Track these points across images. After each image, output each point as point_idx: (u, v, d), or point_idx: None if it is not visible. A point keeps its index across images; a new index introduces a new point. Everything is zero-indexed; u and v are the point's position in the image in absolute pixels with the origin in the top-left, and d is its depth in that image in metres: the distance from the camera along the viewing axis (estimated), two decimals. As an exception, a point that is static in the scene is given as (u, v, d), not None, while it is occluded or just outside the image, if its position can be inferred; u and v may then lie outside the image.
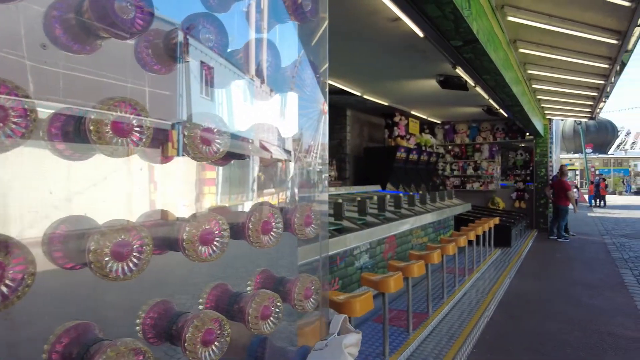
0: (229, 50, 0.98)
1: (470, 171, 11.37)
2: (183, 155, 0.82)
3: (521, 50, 5.54)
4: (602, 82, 6.88)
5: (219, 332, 0.80)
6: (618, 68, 6.23)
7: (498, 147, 11.32)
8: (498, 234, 7.54)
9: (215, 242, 0.83)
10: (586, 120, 10.91)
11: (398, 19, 3.68)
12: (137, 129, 0.71)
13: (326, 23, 1.14)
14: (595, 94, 7.86)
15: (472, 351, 3.48)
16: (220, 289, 0.95)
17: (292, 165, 1.17)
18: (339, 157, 9.02)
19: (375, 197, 5.18)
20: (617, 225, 12.52)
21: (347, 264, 4.13)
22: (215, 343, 0.78)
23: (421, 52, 5.03)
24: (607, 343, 3.66)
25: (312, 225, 1.06)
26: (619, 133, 47.50)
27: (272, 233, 0.94)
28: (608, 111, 49.04)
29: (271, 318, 0.91)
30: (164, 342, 0.80)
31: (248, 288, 1.03)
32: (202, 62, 1.04)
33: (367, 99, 7.96)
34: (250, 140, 0.98)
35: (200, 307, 0.91)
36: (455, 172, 11.62)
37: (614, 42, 4.94)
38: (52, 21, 0.67)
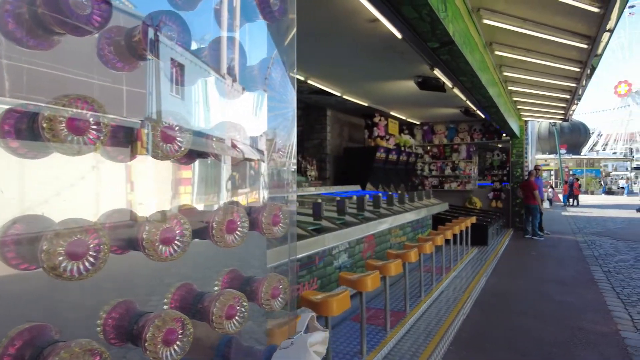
0: (194, 48, 0.97)
1: (448, 171, 11.56)
2: (144, 154, 0.81)
3: (497, 52, 5.65)
4: (574, 84, 7.09)
5: (181, 331, 0.78)
6: (589, 71, 6.43)
7: (475, 148, 11.54)
8: (475, 233, 7.69)
9: (176, 242, 0.82)
10: (560, 121, 11.22)
11: (376, 20, 3.71)
12: (94, 126, 0.69)
13: (294, 24, 1.14)
14: (568, 97, 8.10)
15: (448, 349, 3.54)
16: (185, 289, 0.94)
17: (264, 164, 1.16)
18: (319, 157, 9.03)
19: (355, 197, 5.21)
20: (588, 224, 12.93)
21: (326, 263, 4.14)
22: (177, 343, 0.77)
23: (400, 53, 5.08)
24: (578, 338, 3.77)
25: (280, 225, 1.06)
26: (592, 134, 49.10)
27: (237, 232, 0.94)
28: (582, 113, 50.62)
29: (236, 317, 0.91)
30: (125, 342, 0.78)
31: (215, 288, 1.02)
32: (172, 60, 1.03)
33: (347, 100, 8.01)
34: (215, 139, 0.97)
35: (165, 307, 0.90)
36: (434, 172, 11.80)
37: (584, 46, 5.09)
38: (5, 15, 0.65)
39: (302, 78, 6.46)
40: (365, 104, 8.58)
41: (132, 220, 0.82)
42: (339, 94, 7.57)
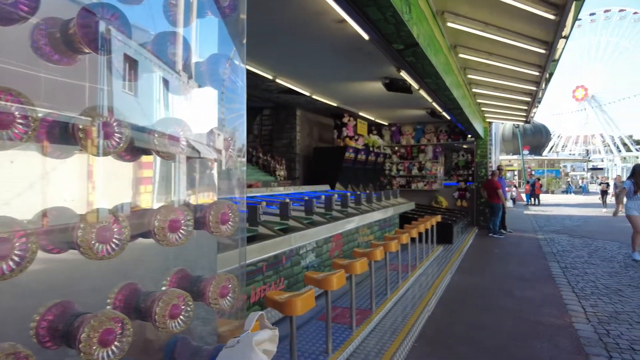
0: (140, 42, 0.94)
1: (415, 171, 11.79)
2: (80, 151, 0.78)
3: (461, 55, 5.81)
4: (534, 88, 7.39)
5: (120, 332, 0.76)
6: (547, 76, 6.71)
7: (441, 149, 11.84)
8: (440, 231, 7.88)
9: (113, 241, 0.79)
10: (523, 123, 11.66)
11: (344, 20, 3.73)
12: (21, 120, 0.66)
13: (244, 22, 1.13)
14: (529, 99, 8.42)
15: (413, 345, 3.61)
16: (130, 289, 0.91)
17: (216, 163, 1.14)
18: (288, 156, 9.01)
19: (323, 197, 5.23)
20: (548, 222, 13.51)
21: (293, 263, 4.14)
22: (116, 343, 0.75)
23: (367, 54, 5.13)
24: (536, 331, 3.93)
25: (230, 223, 1.05)
26: (552, 136, 51.38)
27: (181, 231, 0.92)
28: (543, 116, 52.84)
29: (181, 317, 0.89)
30: (60, 345, 0.75)
31: (163, 288, 1.00)
32: (119, 54, 1.00)
33: (317, 100, 8.03)
34: (158, 135, 0.94)
35: (108, 307, 0.87)
36: (402, 172, 12.01)
37: (543, 51, 5.31)
38: None
39: (270, 77, 6.42)
40: (335, 104, 8.63)
41: (71, 219, 0.79)
42: (308, 94, 7.58)
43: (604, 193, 19.69)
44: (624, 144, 53.75)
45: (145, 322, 0.86)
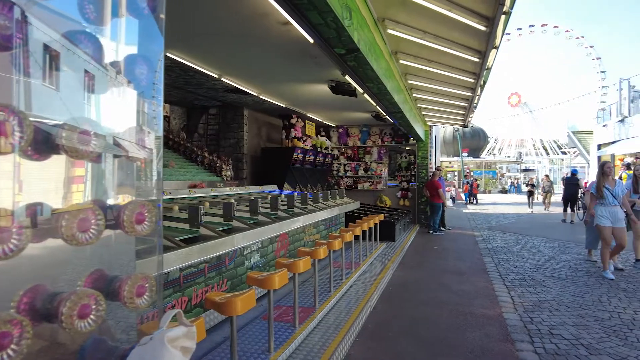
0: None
1: (361, 172, 12.14)
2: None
3: (402, 61, 6.03)
4: (470, 94, 7.83)
5: (17, 334, 0.75)
6: (482, 82, 7.15)
7: (386, 150, 12.27)
8: (384, 229, 8.15)
9: (12, 241, 0.78)
10: (461, 127, 12.32)
11: (289, 23, 3.76)
12: None
13: (163, 23, 1.14)
14: (466, 105, 8.91)
15: (355, 340, 3.72)
16: (36, 291, 0.89)
17: (132, 160, 1.13)
18: (235, 156, 8.91)
19: (269, 197, 5.23)
20: (484, 220, 14.37)
21: (237, 264, 4.12)
22: (13, 346, 0.74)
23: (314, 57, 5.20)
24: (469, 322, 4.20)
25: (146, 223, 1.05)
26: (489, 139, 54.73)
27: (91, 230, 0.92)
28: (482, 120, 56.07)
29: (91, 317, 0.88)
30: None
31: (78, 289, 0.98)
32: (45, 47, 0.97)
33: (265, 100, 8.00)
34: (66, 132, 0.92)
35: (12, 310, 0.85)
36: (349, 173, 12.31)
37: (477, 60, 5.64)
38: None
39: (215, 75, 6.33)
40: (283, 105, 8.65)
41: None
42: (255, 94, 7.54)
43: (530, 194, 18.63)
44: (551, 148, 58.40)
45: (52, 323, 0.84)
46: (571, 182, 13.32)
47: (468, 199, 24.21)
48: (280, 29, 4.36)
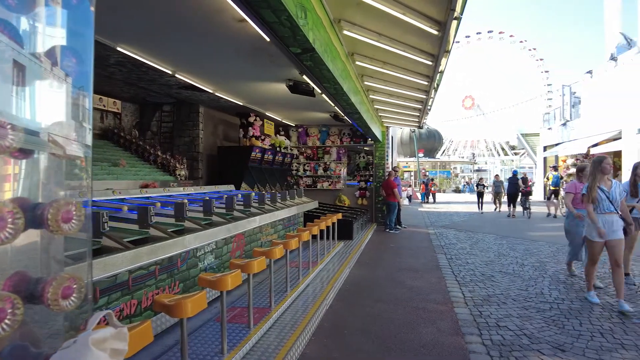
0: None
1: (320, 171, 12.21)
2: None
3: (358, 63, 6.12)
4: (424, 96, 8.07)
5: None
6: (435, 85, 7.39)
7: (345, 150, 12.42)
8: (341, 228, 8.24)
9: None
10: (417, 128, 12.67)
11: (244, 20, 3.71)
12: None
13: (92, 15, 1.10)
14: (420, 107, 9.18)
15: (310, 339, 3.74)
16: None
17: (55, 158, 1.07)
18: (190, 155, 8.69)
19: (225, 197, 5.14)
20: (439, 218, 14.88)
21: (190, 265, 4.02)
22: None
23: (271, 55, 5.14)
24: (422, 317, 4.32)
25: (73, 222, 1.00)
26: (444, 141, 56.81)
27: (7, 229, 0.86)
28: (437, 122, 58.00)
29: (6, 321, 0.83)
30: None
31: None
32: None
33: (221, 97, 7.85)
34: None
35: None
36: (308, 173, 12.35)
37: (430, 63, 5.82)
38: None
39: (169, 72, 6.14)
40: (241, 103, 8.52)
41: None
42: (211, 91, 7.38)
43: (480, 195, 17.47)
44: (502, 149, 61.42)
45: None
46: (511, 182, 15.20)
47: (424, 197, 24.98)
48: (236, 26, 4.29)
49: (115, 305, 2.98)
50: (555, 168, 17.21)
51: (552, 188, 15.11)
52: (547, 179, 16.26)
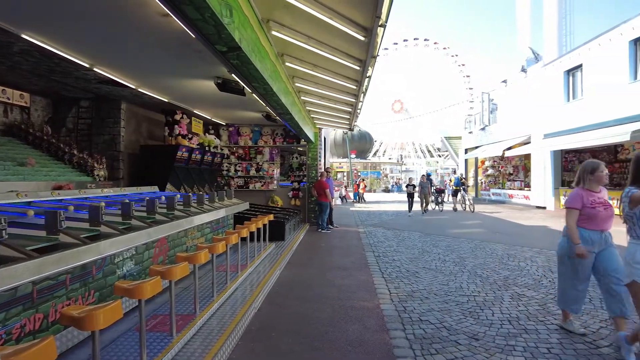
0: None
1: (253, 172, 12.03)
2: None
3: (288, 64, 6.12)
4: (354, 100, 8.30)
5: None
6: (364, 89, 7.62)
7: (277, 151, 12.36)
8: (273, 229, 8.19)
9: None
10: (348, 130, 12.96)
11: (168, 15, 3.54)
12: None
13: None
14: (350, 110, 9.43)
15: (237, 343, 3.66)
16: None
17: None
18: (110, 154, 8.12)
19: (147, 199, 4.87)
20: (369, 217, 15.37)
21: (107, 273, 3.75)
22: None
23: (198, 52, 4.98)
24: (349, 315, 4.41)
25: None
26: (375, 142, 58.90)
27: None
28: (368, 124, 59.97)
29: None
30: None
31: None
32: None
33: (145, 93, 7.43)
34: None
35: None
36: (240, 173, 12.10)
37: (358, 68, 5.99)
38: None
39: (86, 65, 5.69)
40: (166, 100, 8.12)
41: None
42: (133, 87, 6.96)
43: (410, 196, 16.73)
44: (429, 151, 65.06)
45: None
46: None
47: (356, 197, 25.67)
48: (160, 20, 4.10)
49: (14, 321, 2.69)
50: (455, 171, 21.74)
51: (454, 188, 18.90)
52: (450, 180, 21.45)
